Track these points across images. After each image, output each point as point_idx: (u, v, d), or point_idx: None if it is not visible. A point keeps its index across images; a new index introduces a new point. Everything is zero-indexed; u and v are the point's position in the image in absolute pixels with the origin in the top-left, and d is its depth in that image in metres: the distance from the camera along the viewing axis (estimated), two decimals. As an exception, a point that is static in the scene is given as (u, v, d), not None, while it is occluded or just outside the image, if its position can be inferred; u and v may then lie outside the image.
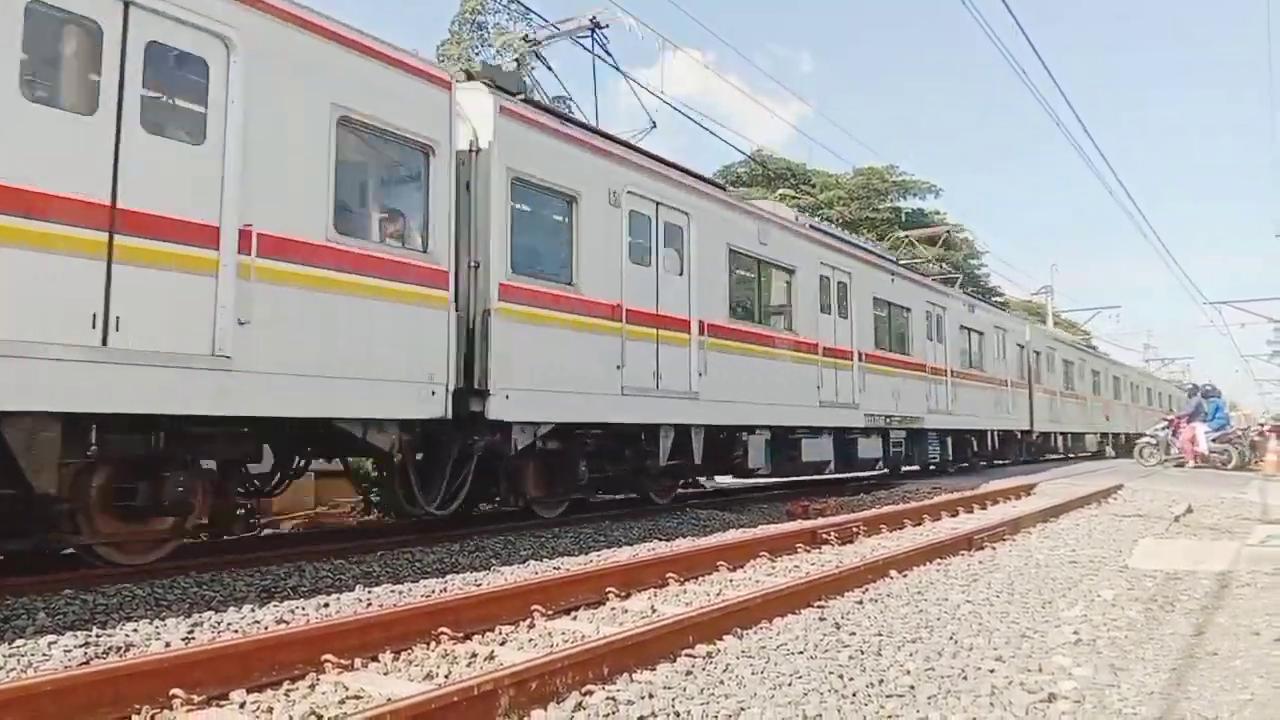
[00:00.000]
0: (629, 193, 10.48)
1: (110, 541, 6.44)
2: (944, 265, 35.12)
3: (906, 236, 36.21)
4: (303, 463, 8.21)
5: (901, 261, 21.81)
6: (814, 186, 45.07)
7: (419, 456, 8.47)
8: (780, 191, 40.43)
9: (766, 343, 13.10)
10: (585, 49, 14.11)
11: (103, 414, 5.79)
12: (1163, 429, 24.81)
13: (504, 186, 8.75)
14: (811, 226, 15.64)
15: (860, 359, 15.76)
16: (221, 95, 6.35)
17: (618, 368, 9.96)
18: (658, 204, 10.97)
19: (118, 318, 5.68)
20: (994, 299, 36.47)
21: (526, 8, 17.05)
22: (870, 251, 18.01)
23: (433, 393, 7.79)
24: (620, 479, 11.40)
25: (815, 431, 14.40)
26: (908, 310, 18.25)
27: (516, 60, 14.29)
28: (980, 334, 22.28)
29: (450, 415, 7.95)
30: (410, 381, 7.63)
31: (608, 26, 14.00)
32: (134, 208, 5.79)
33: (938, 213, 50.57)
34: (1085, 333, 51.81)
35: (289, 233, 6.75)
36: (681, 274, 11.31)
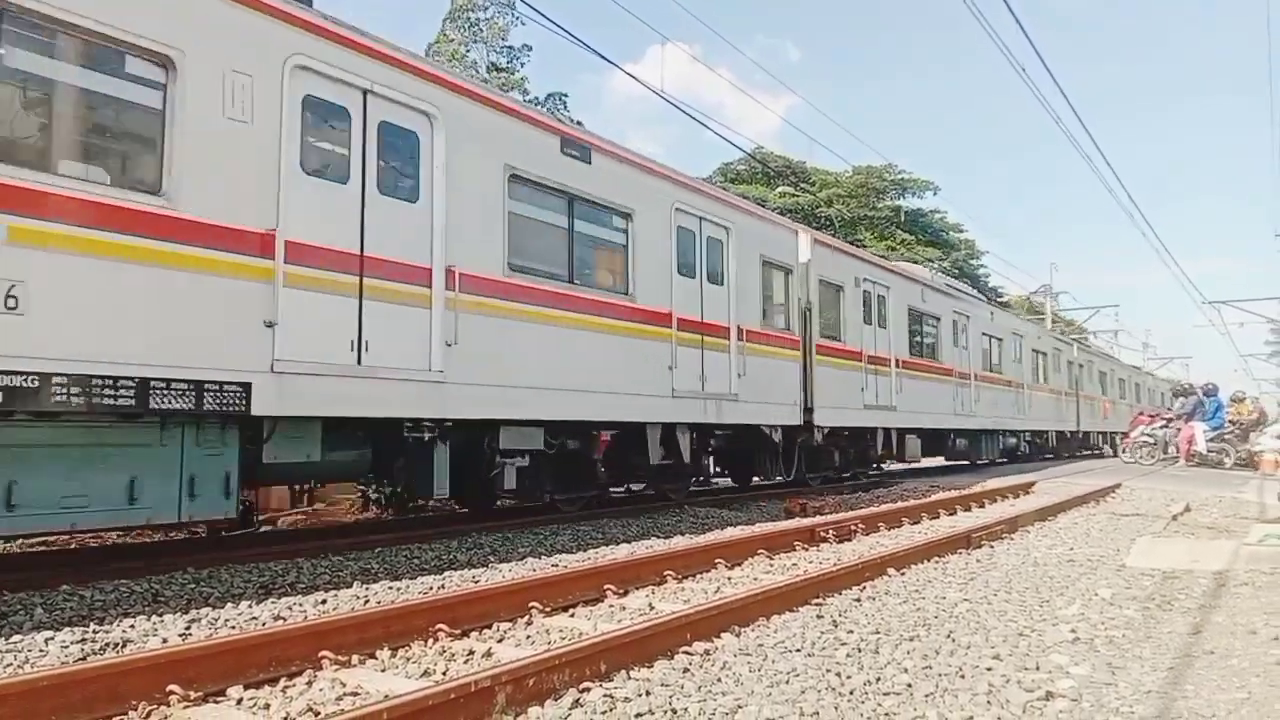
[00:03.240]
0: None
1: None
2: (945, 266, 35.17)
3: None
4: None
5: (905, 261, 24.49)
6: (813, 184, 45.04)
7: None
8: (780, 189, 40.44)
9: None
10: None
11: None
12: (1160, 427, 24.86)
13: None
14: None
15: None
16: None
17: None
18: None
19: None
20: (996, 300, 36.47)
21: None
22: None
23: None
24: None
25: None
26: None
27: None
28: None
29: None
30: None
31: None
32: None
33: (937, 211, 50.61)
34: (1084, 331, 51.81)
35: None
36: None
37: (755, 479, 15.83)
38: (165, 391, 5.83)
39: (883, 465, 19.52)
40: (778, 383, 13.26)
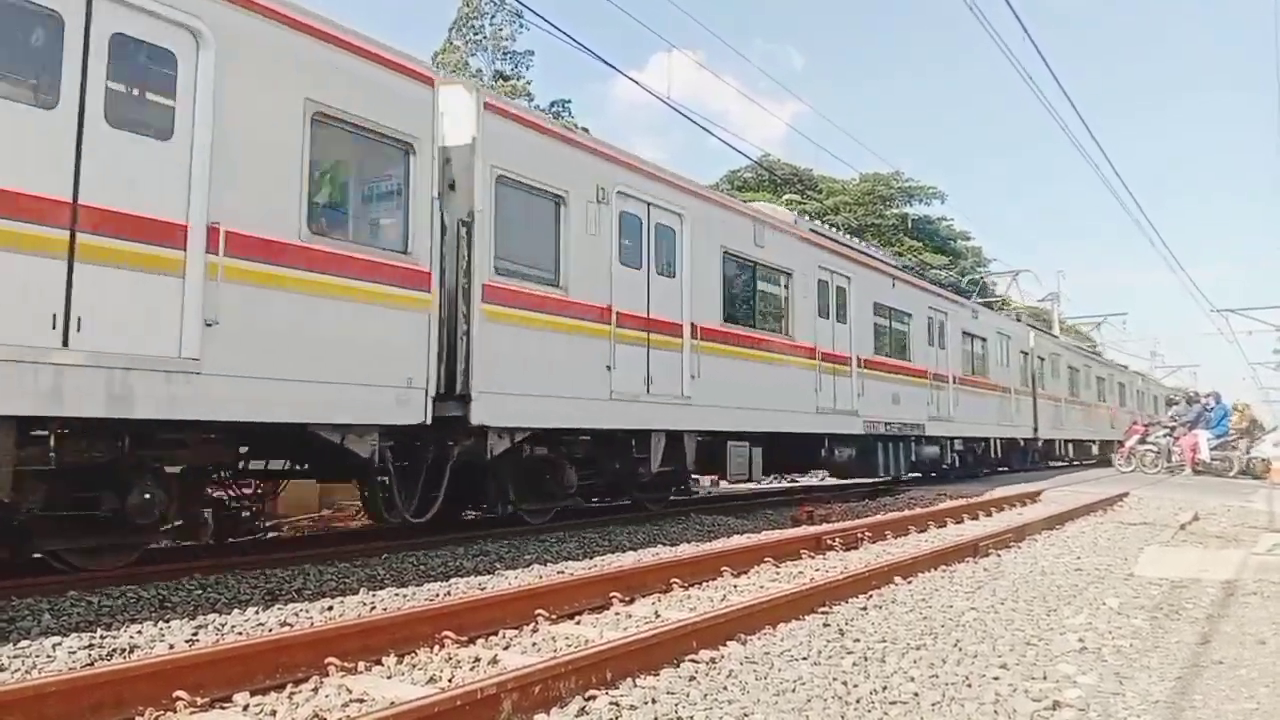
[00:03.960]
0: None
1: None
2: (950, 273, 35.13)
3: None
4: None
5: (910, 270, 23.66)
6: (820, 192, 45.04)
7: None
8: (786, 197, 40.45)
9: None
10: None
11: None
12: (1163, 435, 24.82)
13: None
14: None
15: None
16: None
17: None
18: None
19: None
20: (1002, 308, 36.23)
21: (524, 5, 17.04)
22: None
23: None
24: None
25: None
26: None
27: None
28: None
29: None
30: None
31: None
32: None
33: (944, 219, 50.58)
34: (1091, 340, 51.65)
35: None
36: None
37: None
38: None
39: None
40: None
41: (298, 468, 8.76)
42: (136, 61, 6.17)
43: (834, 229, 20.59)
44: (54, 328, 5.48)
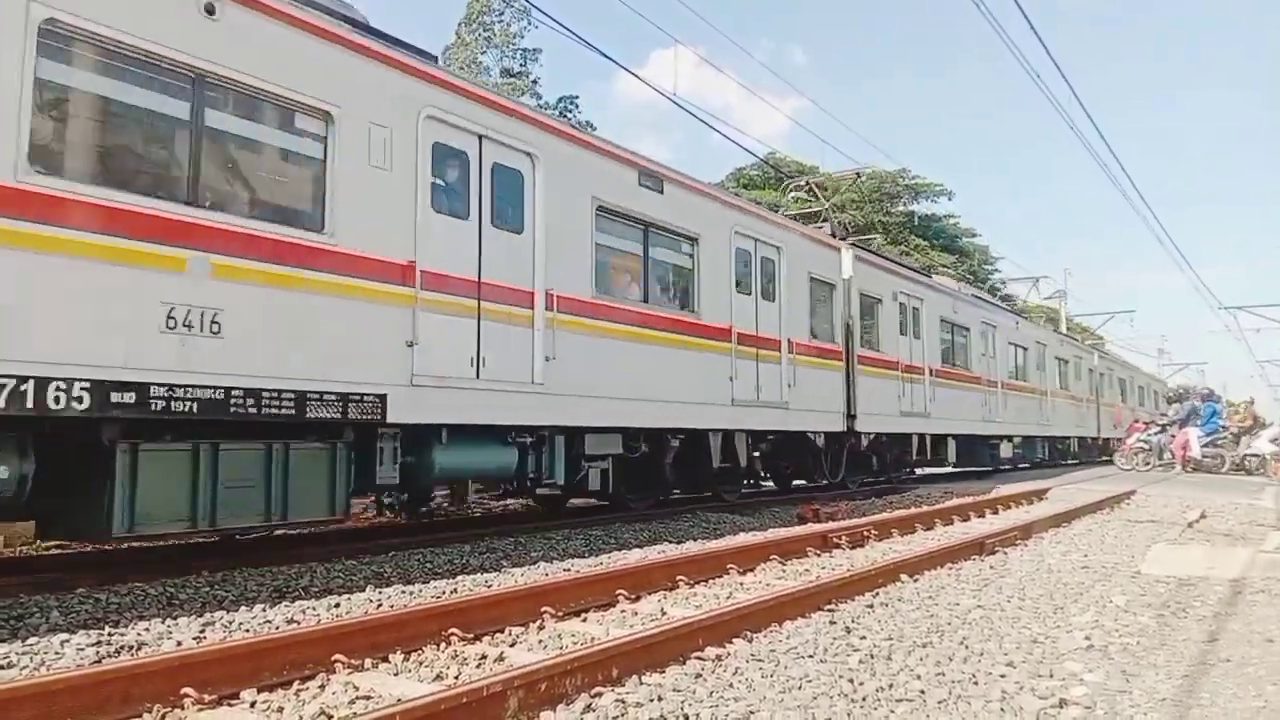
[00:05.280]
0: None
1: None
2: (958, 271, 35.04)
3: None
4: None
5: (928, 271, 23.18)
6: (826, 189, 44.95)
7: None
8: (792, 194, 40.40)
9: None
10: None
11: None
12: (1155, 434, 24.91)
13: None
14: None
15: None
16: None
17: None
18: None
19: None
20: (1010, 305, 36.16)
21: (531, 4, 17.07)
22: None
23: None
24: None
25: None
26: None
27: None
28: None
29: None
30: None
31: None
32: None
33: (950, 216, 50.48)
34: (1099, 338, 51.53)
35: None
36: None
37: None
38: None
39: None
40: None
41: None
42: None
43: (840, 227, 20.55)
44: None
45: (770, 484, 16.46)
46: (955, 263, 44.85)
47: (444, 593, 6.44)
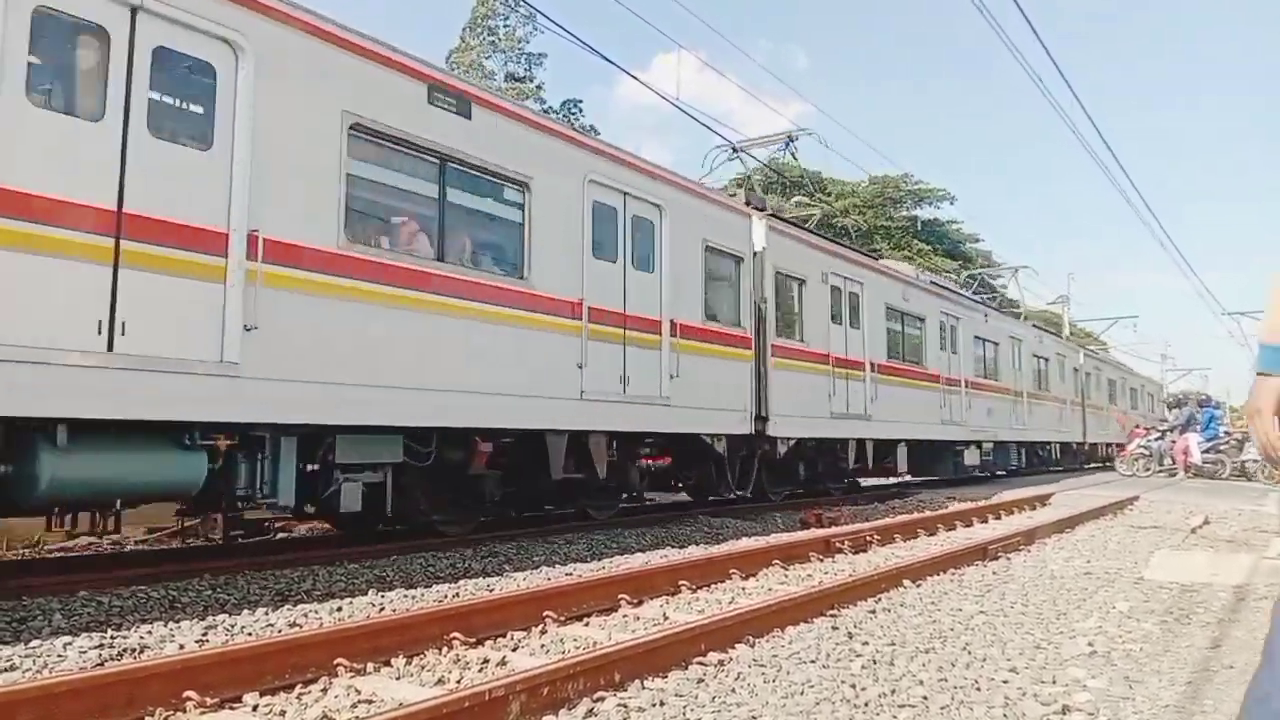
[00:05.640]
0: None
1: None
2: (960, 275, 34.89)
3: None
4: None
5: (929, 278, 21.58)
6: (829, 194, 45.01)
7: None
8: (796, 199, 40.41)
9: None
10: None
11: None
12: (1155, 439, 24.94)
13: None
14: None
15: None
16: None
17: None
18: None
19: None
20: (1012, 310, 35.99)
21: (534, 9, 17.14)
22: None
23: None
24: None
25: None
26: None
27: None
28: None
29: None
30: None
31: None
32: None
33: (953, 221, 50.49)
34: (1102, 343, 51.45)
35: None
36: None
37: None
38: None
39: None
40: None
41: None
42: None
43: (844, 232, 20.37)
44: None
45: (659, 497, 14.27)
46: (959, 268, 44.84)
47: (446, 596, 6.44)
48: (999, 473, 23.28)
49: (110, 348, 5.69)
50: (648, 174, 10.78)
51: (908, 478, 19.55)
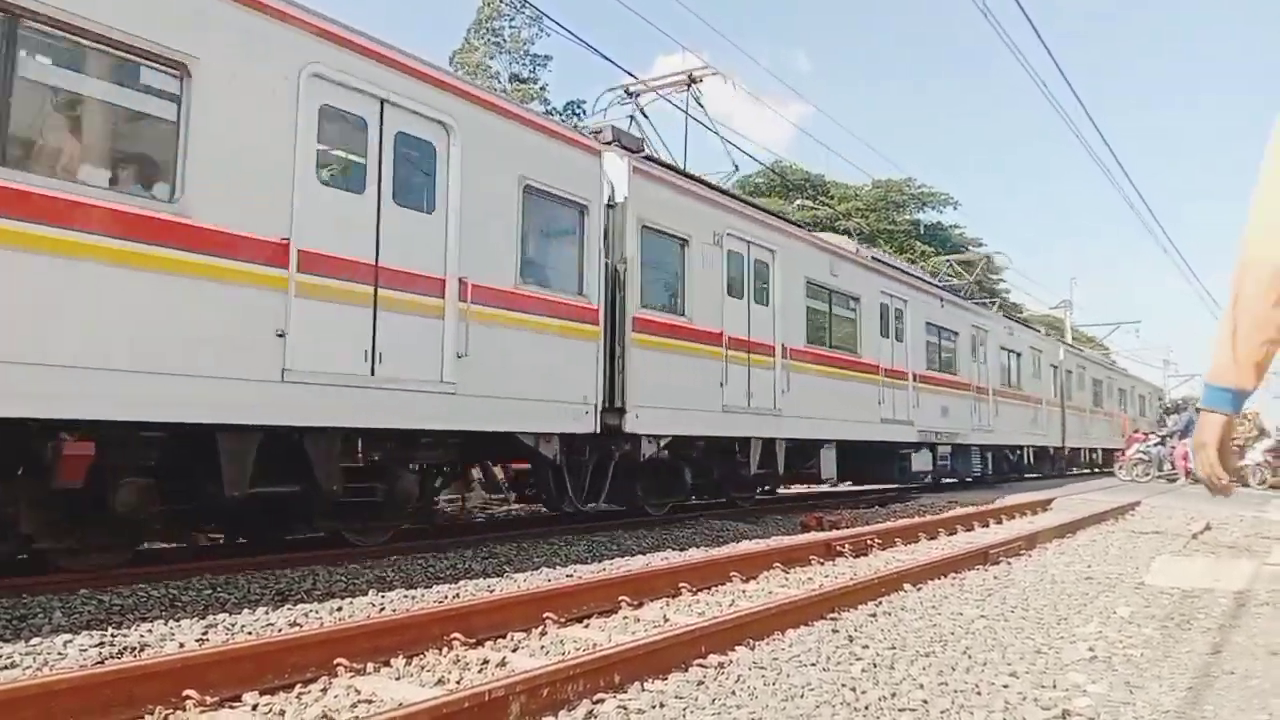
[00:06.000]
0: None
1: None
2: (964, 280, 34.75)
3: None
4: None
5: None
6: (832, 198, 45.05)
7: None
8: (799, 202, 40.46)
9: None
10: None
11: None
12: (1154, 445, 24.98)
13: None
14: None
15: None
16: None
17: None
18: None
19: None
20: (1015, 315, 35.87)
21: (540, 11, 17.14)
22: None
23: None
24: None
25: None
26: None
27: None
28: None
29: None
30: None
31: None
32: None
33: (956, 226, 50.49)
34: (1104, 348, 51.42)
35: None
36: None
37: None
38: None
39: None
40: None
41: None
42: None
43: (845, 234, 20.07)
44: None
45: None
46: (960, 271, 44.81)
47: (447, 597, 6.44)
48: (968, 479, 21.22)
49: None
50: (426, 78, 8.07)
51: (841, 486, 17.39)
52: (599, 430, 9.74)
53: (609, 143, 10.74)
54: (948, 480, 20.77)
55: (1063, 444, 27.59)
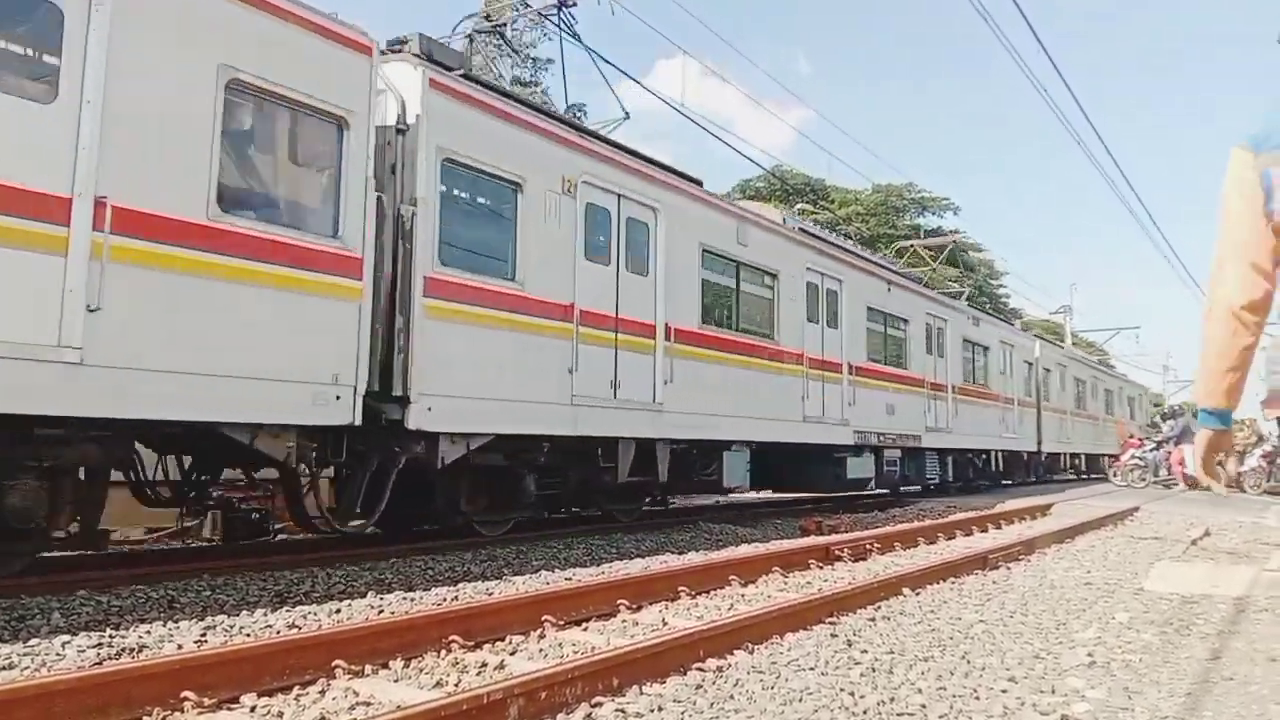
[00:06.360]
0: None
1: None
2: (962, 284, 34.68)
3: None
4: None
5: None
6: (832, 202, 45.07)
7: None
8: (799, 206, 40.49)
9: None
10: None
11: None
12: (1150, 450, 24.98)
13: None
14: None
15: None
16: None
17: None
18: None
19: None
20: (1014, 320, 35.75)
21: (543, 15, 17.10)
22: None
23: None
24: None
25: None
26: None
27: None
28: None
29: None
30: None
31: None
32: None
33: (957, 231, 50.51)
34: (1104, 353, 51.43)
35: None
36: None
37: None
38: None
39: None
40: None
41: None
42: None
43: (846, 238, 19.67)
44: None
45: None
46: (960, 276, 44.87)
47: (445, 600, 6.43)
48: (931, 485, 19.17)
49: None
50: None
51: (757, 495, 15.50)
52: (354, 422, 7.16)
53: (401, 48, 8.27)
54: (944, 485, 19.71)
55: (1038, 448, 25.35)
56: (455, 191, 8.47)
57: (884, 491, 17.81)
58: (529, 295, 8.97)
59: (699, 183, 12.08)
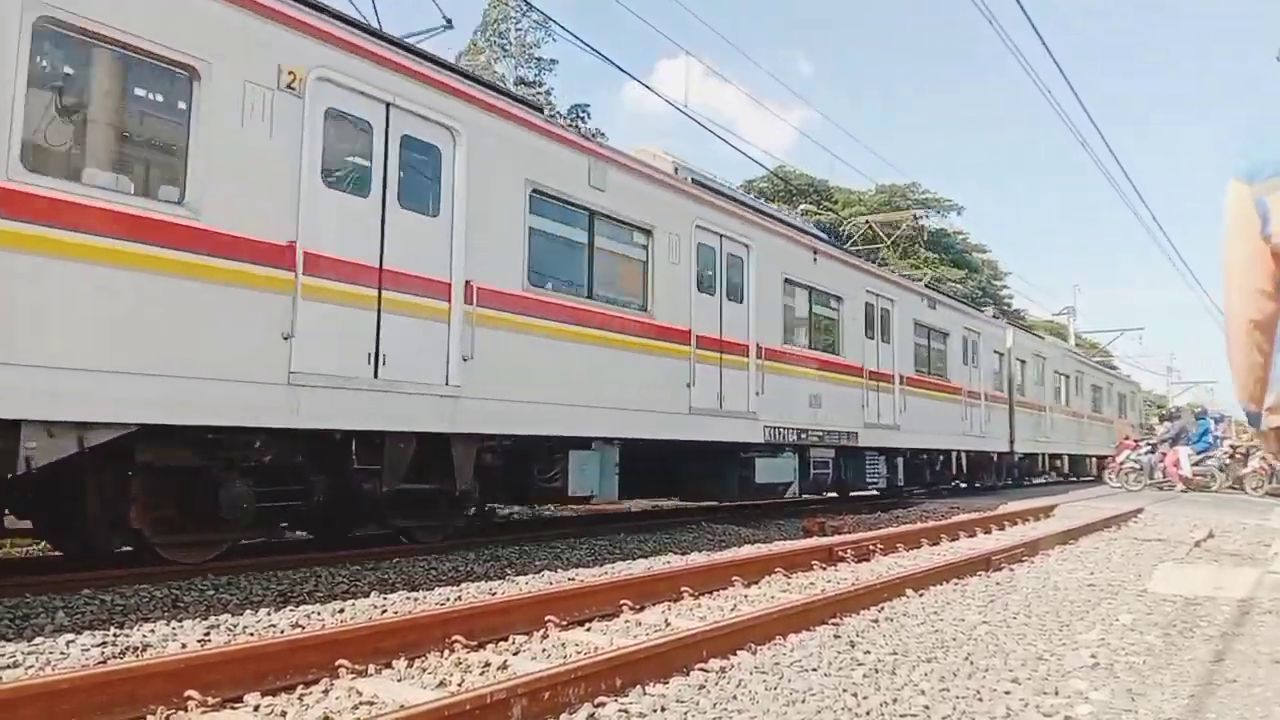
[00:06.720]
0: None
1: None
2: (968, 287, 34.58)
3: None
4: None
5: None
6: (836, 202, 45.05)
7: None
8: (802, 207, 40.45)
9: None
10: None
11: None
12: (1145, 453, 24.92)
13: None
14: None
15: None
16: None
17: None
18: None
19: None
20: (1019, 321, 35.63)
21: (546, 16, 17.11)
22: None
23: None
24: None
25: None
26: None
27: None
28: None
29: None
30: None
31: None
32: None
33: (960, 232, 50.50)
34: (1107, 354, 51.37)
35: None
36: None
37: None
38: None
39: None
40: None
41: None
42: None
43: (849, 239, 19.51)
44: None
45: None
46: (965, 277, 44.86)
47: (448, 599, 6.44)
48: (877, 490, 16.67)
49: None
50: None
51: (629, 505, 13.62)
52: None
53: None
54: (894, 489, 17.39)
55: (1011, 448, 22.67)
56: (57, 60, 5.66)
57: (877, 493, 16.84)
58: (209, 228, 6.11)
59: (538, 108, 9.70)
